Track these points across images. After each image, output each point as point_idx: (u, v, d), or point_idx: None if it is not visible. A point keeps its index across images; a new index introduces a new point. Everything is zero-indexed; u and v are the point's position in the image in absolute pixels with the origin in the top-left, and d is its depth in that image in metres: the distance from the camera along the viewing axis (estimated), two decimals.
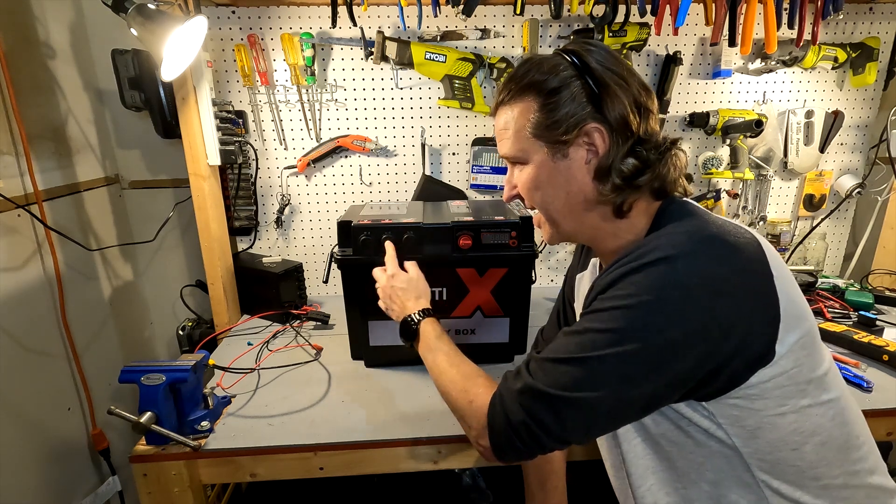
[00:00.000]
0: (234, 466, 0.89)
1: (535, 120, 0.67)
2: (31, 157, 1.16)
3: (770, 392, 0.58)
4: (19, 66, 1.17)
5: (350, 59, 1.41)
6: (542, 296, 1.51)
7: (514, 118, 0.69)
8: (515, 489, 1.05)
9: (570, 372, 0.58)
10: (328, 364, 1.16)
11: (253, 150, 1.46)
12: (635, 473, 0.69)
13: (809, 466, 0.60)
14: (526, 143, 0.68)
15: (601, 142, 0.65)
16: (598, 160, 0.65)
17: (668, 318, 0.55)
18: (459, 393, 0.72)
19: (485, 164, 1.51)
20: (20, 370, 1.14)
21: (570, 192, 0.68)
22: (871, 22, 1.47)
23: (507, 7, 1.38)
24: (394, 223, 1.05)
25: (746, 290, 0.56)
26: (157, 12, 1.01)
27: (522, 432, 0.61)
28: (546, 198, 0.70)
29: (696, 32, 1.45)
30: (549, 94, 0.65)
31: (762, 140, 1.53)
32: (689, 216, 0.63)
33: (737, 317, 0.55)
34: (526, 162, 0.69)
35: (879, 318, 1.27)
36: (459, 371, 0.75)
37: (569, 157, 0.66)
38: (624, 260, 0.60)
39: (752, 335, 0.56)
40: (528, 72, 0.67)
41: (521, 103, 0.68)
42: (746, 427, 0.60)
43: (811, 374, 0.59)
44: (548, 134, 0.66)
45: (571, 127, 0.64)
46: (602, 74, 0.64)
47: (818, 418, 0.60)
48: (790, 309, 0.57)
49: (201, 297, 1.59)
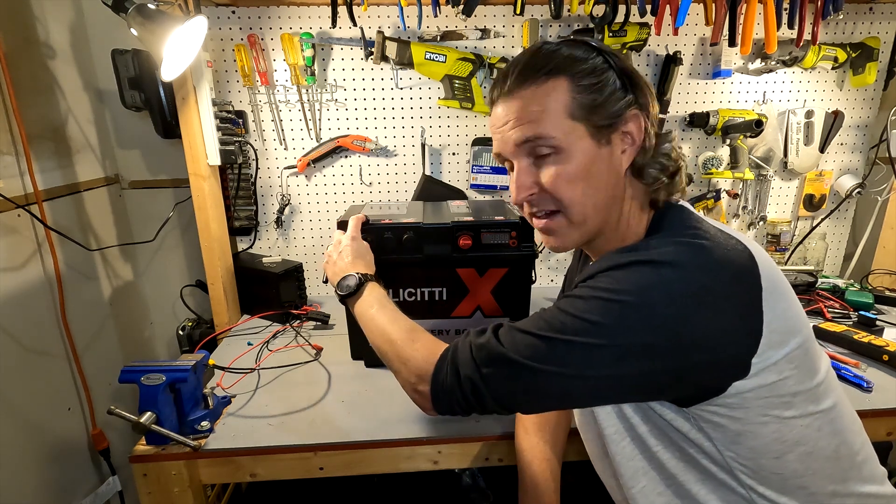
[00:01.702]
0: (234, 466, 0.89)
1: (574, 101, 0.61)
2: (31, 157, 1.15)
3: (751, 402, 0.57)
4: (19, 66, 1.17)
5: (350, 59, 1.41)
6: (542, 296, 1.51)
7: (546, 97, 0.61)
8: (515, 489, 1.05)
9: (535, 344, 0.58)
10: (328, 364, 1.16)
11: (253, 150, 1.46)
12: (626, 475, 0.69)
13: (794, 475, 0.60)
14: (565, 125, 0.61)
15: (638, 131, 0.63)
16: (635, 150, 0.63)
17: (643, 322, 0.54)
18: (404, 341, 0.71)
19: (485, 164, 1.51)
20: (20, 370, 1.14)
21: (609, 183, 0.64)
22: (871, 22, 1.47)
23: (507, 7, 1.38)
24: (394, 223, 1.05)
25: (728, 303, 0.55)
26: (157, 12, 1.01)
27: (467, 387, 0.61)
28: (589, 191, 0.63)
29: (696, 32, 1.45)
30: (592, 74, 0.61)
31: (762, 140, 1.53)
32: (683, 223, 0.62)
33: (712, 329, 0.54)
34: (561, 149, 0.62)
35: (879, 318, 1.26)
36: (405, 322, 0.75)
37: (612, 143, 0.62)
38: (613, 254, 0.60)
39: (725, 349, 0.55)
40: (554, 52, 0.62)
41: (555, 83, 0.61)
42: (728, 433, 0.59)
43: (799, 386, 0.58)
44: (592, 117, 0.61)
45: (618, 111, 0.61)
46: (626, 65, 0.63)
47: (803, 429, 0.59)
48: (776, 325, 0.56)
49: (201, 297, 1.59)
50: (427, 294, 1.09)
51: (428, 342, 0.70)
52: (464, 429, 0.93)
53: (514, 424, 0.91)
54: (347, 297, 0.85)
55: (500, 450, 0.92)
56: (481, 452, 0.93)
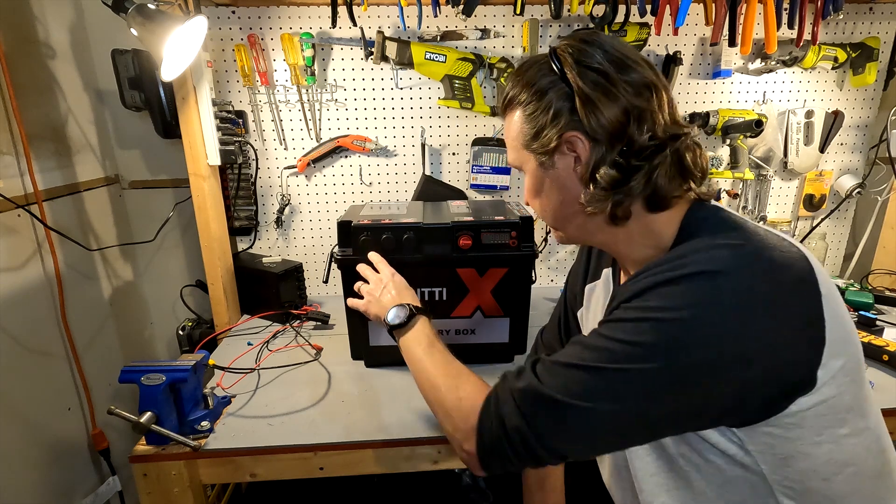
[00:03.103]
0: (234, 466, 0.89)
1: (522, 131, 0.66)
2: (31, 157, 1.16)
3: (808, 422, 0.53)
4: (19, 66, 1.17)
5: (350, 59, 1.41)
6: (542, 296, 1.52)
7: (509, 128, 0.69)
8: (515, 489, 1.05)
9: (584, 380, 0.54)
10: (328, 364, 1.16)
11: (253, 150, 1.46)
12: (646, 490, 0.65)
13: (839, 497, 0.56)
14: (519, 153, 0.68)
15: (583, 149, 0.61)
16: (582, 168, 0.62)
17: (703, 339, 0.50)
18: (448, 389, 0.67)
19: (485, 164, 1.51)
20: (20, 370, 1.14)
21: (563, 200, 0.66)
22: (871, 22, 1.47)
23: (507, 7, 1.38)
24: (394, 223, 1.05)
25: (791, 312, 0.51)
26: (157, 12, 1.01)
27: (516, 439, 0.56)
28: (544, 205, 0.69)
29: (696, 32, 1.45)
30: (530, 104, 0.64)
31: (762, 140, 1.53)
32: (727, 226, 0.58)
33: (777, 342, 0.50)
34: (523, 170, 0.69)
35: (879, 318, 1.26)
36: (451, 367, 0.71)
37: (556, 166, 0.64)
38: (656, 269, 0.55)
39: (792, 362, 0.51)
40: (516, 82, 0.66)
41: (512, 113, 0.67)
42: (777, 455, 0.55)
43: (853, 401, 0.55)
44: (533, 144, 0.65)
45: (553, 136, 0.62)
46: (583, 81, 0.59)
47: (854, 448, 0.56)
48: (837, 332, 0.52)
49: (201, 297, 1.59)
50: (427, 294, 1.09)
51: (473, 392, 0.65)
52: None
53: None
54: (396, 329, 0.82)
55: None
56: None
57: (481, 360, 1.16)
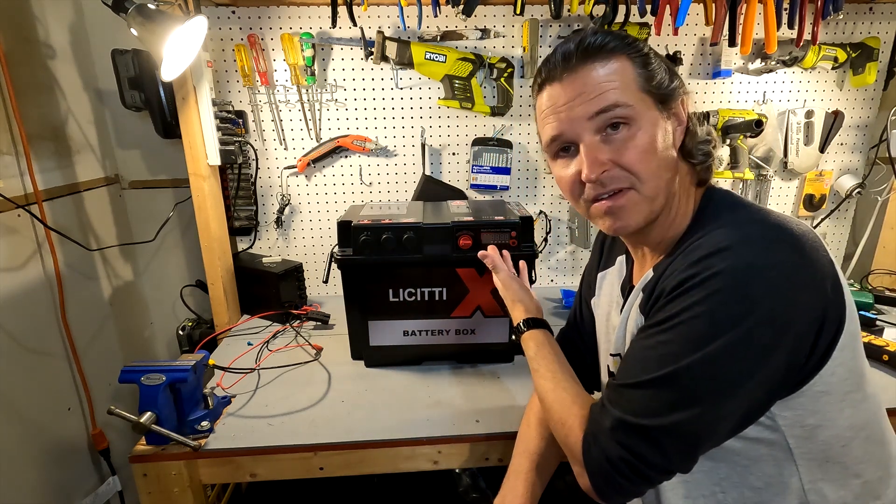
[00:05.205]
0: (234, 466, 0.89)
1: (642, 75, 0.61)
2: (31, 157, 1.16)
3: (834, 387, 0.57)
4: (19, 66, 1.17)
5: (350, 59, 1.41)
6: (543, 296, 1.51)
7: (614, 72, 0.61)
8: None
9: (657, 395, 0.54)
10: (328, 364, 1.16)
11: (253, 150, 1.46)
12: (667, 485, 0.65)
13: (854, 462, 0.60)
14: (637, 95, 0.61)
15: (683, 112, 0.64)
16: (682, 131, 0.64)
17: (754, 313, 0.52)
18: (558, 425, 0.67)
19: (485, 164, 1.50)
20: (20, 370, 1.14)
21: (672, 159, 0.64)
22: (871, 22, 1.47)
23: (507, 7, 1.38)
24: (394, 223, 1.05)
25: (823, 276, 0.55)
26: (157, 12, 1.01)
27: (624, 468, 0.56)
28: (661, 163, 0.62)
29: (696, 32, 1.45)
30: (647, 57, 0.63)
31: (762, 140, 1.52)
32: (738, 203, 0.63)
33: (818, 307, 0.54)
34: (634, 120, 0.60)
35: (879, 318, 1.27)
36: (556, 398, 0.69)
37: (670, 118, 0.63)
38: (690, 254, 0.57)
39: (827, 324, 0.55)
40: (608, 38, 0.62)
41: (618, 61, 0.61)
42: (805, 426, 0.58)
43: (862, 366, 0.59)
44: (657, 91, 0.62)
45: (672, 90, 0.63)
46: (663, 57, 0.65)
47: (866, 412, 0.60)
48: (847, 296, 0.57)
49: (201, 297, 1.59)
50: (427, 294, 1.09)
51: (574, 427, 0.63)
52: (464, 429, 0.93)
53: (513, 424, 0.90)
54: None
55: (500, 450, 0.92)
56: (481, 452, 0.93)
57: (481, 360, 1.16)
